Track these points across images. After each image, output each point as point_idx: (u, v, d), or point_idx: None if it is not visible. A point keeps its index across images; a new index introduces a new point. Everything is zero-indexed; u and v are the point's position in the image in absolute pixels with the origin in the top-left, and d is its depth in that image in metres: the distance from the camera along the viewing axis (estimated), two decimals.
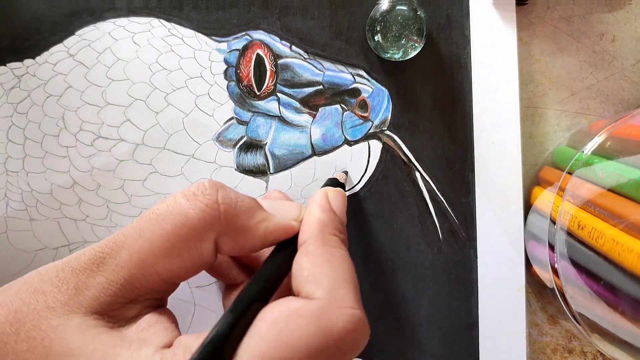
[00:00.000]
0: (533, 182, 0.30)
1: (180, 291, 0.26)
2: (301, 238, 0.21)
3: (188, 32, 0.29)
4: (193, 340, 0.17)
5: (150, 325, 0.18)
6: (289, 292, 0.20)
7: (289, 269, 0.20)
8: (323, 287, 0.18)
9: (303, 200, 0.29)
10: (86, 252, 0.19)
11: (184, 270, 0.19)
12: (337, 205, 0.23)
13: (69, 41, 0.29)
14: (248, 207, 0.20)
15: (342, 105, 0.29)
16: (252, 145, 0.29)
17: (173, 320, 0.20)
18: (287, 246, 0.21)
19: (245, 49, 0.29)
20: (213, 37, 0.29)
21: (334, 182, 0.27)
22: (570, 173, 0.25)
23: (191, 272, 0.20)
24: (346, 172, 0.29)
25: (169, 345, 0.17)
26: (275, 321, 0.17)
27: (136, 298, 0.19)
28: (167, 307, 0.21)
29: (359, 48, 0.29)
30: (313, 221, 0.21)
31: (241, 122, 0.29)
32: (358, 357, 0.29)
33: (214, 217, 0.19)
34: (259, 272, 0.20)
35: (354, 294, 0.18)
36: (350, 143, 0.29)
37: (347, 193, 0.29)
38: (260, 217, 0.20)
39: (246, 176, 0.29)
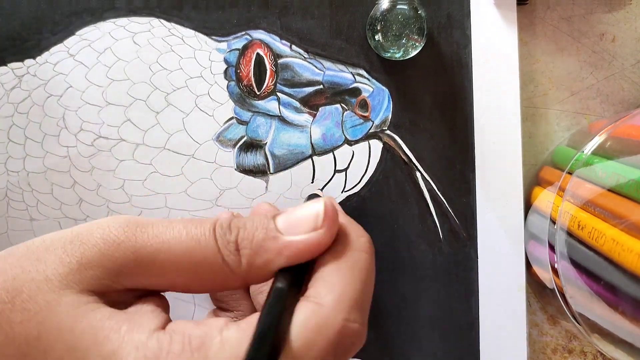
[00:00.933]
0: (533, 182, 0.30)
1: None
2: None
3: (188, 32, 0.29)
4: (191, 327, 0.17)
5: (138, 309, 0.18)
6: None
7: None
8: (333, 295, 0.18)
9: (303, 201, 0.29)
10: (99, 229, 0.18)
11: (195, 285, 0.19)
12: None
13: (70, 41, 0.29)
14: (262, 245, 0.19)
15: (343, 105, 0.29)
16: (252, 145, 0.29)
17: (164, 305, 0.19)
18: None
19: (245, 48, 0.29)
20: (213, 37, 0.29)
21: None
22: (570, 173, 0.25)
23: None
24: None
25: (162, 328, 0.17)
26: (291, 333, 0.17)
27: (137, 287, 0.18)
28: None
29: (359, 47, 0.29)
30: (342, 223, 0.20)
31: (241, 122, 0.29)
32: (358, 357, 0.29)
33: (234, 264, 0.18)
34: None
35: (361, 307, 0.18)
36: (350, 143, 0.29)
37: (348, 193, 0.29)
38: (275, 248, 0.19)
39: (246, 176, 0.29)
